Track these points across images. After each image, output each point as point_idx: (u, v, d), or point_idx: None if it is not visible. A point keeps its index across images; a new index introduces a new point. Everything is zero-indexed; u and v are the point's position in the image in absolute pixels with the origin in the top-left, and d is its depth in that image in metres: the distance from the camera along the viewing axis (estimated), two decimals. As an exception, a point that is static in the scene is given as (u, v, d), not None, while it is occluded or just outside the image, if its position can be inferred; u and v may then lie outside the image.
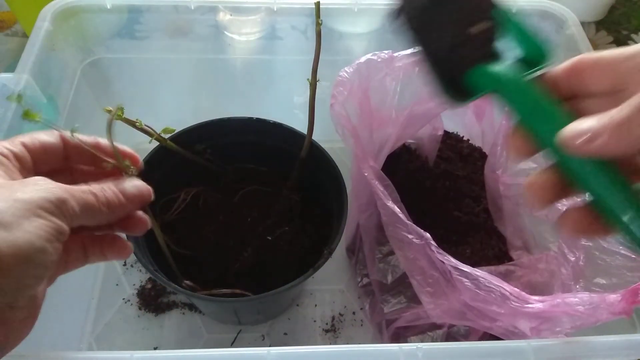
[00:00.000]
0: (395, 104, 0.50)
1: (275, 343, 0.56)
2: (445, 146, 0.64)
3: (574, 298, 0.37)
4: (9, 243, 0.24)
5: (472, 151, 0.65)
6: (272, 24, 0.61)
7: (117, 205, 0.31)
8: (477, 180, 0.62)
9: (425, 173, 0.60)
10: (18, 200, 0.25)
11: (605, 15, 0.86)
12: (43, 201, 0.26)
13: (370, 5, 0.59)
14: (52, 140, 0.32)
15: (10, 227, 0.24)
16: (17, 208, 0.25)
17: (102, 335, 0.56)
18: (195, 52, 0.63)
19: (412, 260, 0.43)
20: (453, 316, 0.43)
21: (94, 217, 0.30)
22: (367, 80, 0.49)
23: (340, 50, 0.63)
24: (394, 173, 0.53)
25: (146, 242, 0.50)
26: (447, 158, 0.63)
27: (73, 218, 0.28)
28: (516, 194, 0.56)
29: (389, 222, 0.44)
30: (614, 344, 0.38)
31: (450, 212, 0.58)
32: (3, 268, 0.24)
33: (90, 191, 0.29)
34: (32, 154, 0.30)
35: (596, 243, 0.44)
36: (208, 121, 0.55)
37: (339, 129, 0.48)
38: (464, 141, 0.66)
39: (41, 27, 0.53)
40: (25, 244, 0.25)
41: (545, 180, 0.28)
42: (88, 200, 0.29)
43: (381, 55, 0.49)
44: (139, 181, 0.34)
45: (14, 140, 0.30)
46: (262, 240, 0.53)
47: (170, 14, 0.59)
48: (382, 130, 0.52)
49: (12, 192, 0.26)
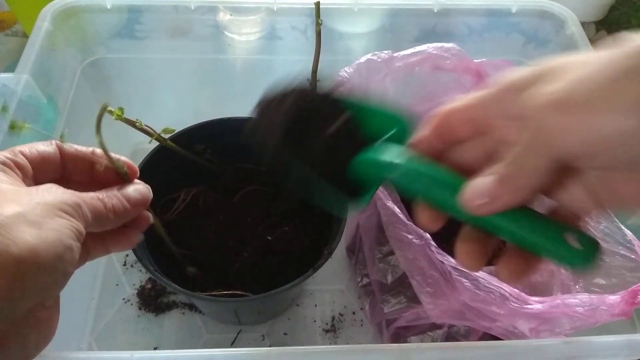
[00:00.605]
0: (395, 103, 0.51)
1: (275, 343, 0.56)
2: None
3: (574, 299, 0.37)
4: (43, 240, 0.24)
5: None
6: (272, 24, 0.61)
7: (122, 211, 0.31)
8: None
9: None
10: (40, 202, 0.26)
11: (605, 15, 0.86)
12: (62, 204, 0.27)
13: (370, 5, 0.59)
14: (49, 150, 0.32)
15: (40, 225, 0.25)
16: (41, 209, 0.26)
17: (102, 335, 0.56)
18: (195, 52, 0.63)
19: (412, 260, 0.43)
20: (453, 316, 0.43)
21: (102, 224, 0.30)
22: (367, 80, 0.49)
23: (340, 50, 0.63)
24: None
25: (146, 242, 0.50)
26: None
27: (87, 223, 0.28)
28: None
29: (389, 222, 0.44)
30: (613, 344, 0.38)
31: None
32: (40, 265, 0.24)
33: (98, 198, 0.30)
34: (32, 163, 0.31)
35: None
36: (208, 121, 0.55)
37: None
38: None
39: (41, 27, 0.53)
40: (56, 241, 0.25)
41: (470, 248, 0.29)
42: (97, 207, 0.29)
43: (381, 55, 0.49)
44: (141, 185, 0.34)
45: (13, 150, 0.30)
46: (262, 240, 0.53)
47: (170, 14, 0.59)
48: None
49: (31, 196, 0.26)
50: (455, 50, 0.49)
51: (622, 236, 0.43)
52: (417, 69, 0.49)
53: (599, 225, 0.44)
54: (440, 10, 0.59)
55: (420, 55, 0.49)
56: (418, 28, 0.61)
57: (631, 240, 0.43)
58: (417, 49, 0.50)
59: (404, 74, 0.50)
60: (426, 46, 0.49)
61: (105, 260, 0.62)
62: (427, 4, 0.59)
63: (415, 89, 0.50)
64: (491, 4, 0.59)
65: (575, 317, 0.37)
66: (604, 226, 0.44)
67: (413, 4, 0.59)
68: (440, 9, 0.59)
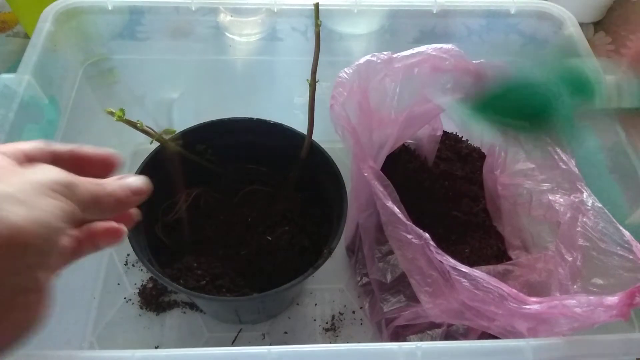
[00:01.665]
0: (395, 104, 0.51)
1: (276, 342, 0.56)
2: (444, 146, 0.65)
3: (572, 300, 0.37)
4: (30, 220, 0.24)
5: (471, 151, 0.65)
6: (273, 25, 0.61)
7: (122, 197, 0.31)
8: (475, 180, 0.62)
9: (424, 173, 0.61)
10: (30, 181, 0.25)
11: (604, 16, 0.87)
12: (54, 183, 0.26)
13: (370, 6, 0.59)
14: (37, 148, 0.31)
15: (28, 205, 0.24)
16: (31, 188, 0.25)
17: (104, 334, 0.57)
18: (196, 53, 0.64)
19: (411, 260, 0.43)
20: (451, 315, 0.43)
21: (100, 209, 0.29)
22: (367, 81, 0.50)
23: (340, 51, 0.63)
24: (394, 173, 0.53)
25: (147, 242, 0.51)
26: (446, 158, 0.63)
27: (83, 206, 0.28)
28: (514, 194, 0.56)
29: (389, 222, 0.44)
30: (612, 343, 0.38)
31: (449, 212, 0.58)
32: (26, 245, 0.24)
33: (97, 182, 0.29)
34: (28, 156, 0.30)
35: (594, 243, 0.44)
36: (209, 122, 0.55)
37: (339, 130, 0.48)
38: (462, 141, 0.66)
39: (43, 28, 0.53)
40: (44, 221, 0.24)
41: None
42: (97, 190, 0.29)
43: (380, 56, 0.49)
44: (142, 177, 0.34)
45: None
46: (262, 240, 0.54)
47: (171, 15, 0.59)
48: (381, 130, 0.52)
49: (22, 175, 0.26)
50: (455, 51, 0.49)
51: (620, 236, 0.43)
52: (417, 70, 0.50)
53: (597, 225, 0.45)
54: (440, 11, 0.59)
55: (419, 56, 0.50)
56: (417, 29, 0.61)
57: (629, 241, 0.43)
58: (416, 50, 0.50)
59: (403, 74, 0.50)
60: (425, 47, 0.50)
61: (107, 259, 0.62)
62: (427, 5, 0.59)
63: (415, 89, 0.51)
64: (490, 5, 0.60)
65: (573, 317, 0.37)
66: (601, 226, 0.44)
67: (412, 5, 0.59)
68: (440, 10, 0.59)
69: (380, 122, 0.51)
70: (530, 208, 0.54)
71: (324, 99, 0.50)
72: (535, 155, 0.52)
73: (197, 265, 0.52)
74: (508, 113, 0.41)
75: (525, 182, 0.54)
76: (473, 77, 0.47)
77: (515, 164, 0.55)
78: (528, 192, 0.54)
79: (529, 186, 0.54)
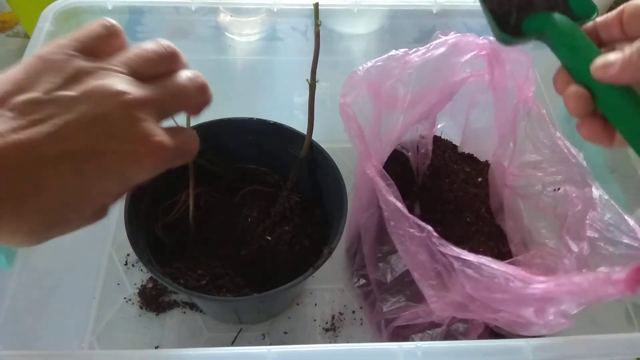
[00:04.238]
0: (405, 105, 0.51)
1: (276, 342, 0.56)
2: (444, 146, 0.65)
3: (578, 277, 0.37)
4: None
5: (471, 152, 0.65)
6: (273, 25, 0.62)
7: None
8: (477, 179, 0.62)
9: (425, 173, 0.61)
10: None
11: (604, 16, 0.87)
12: None
13: (370, 6, 0.59)
14: None
15: None
16: None
17: (104, 334, 0.57)
18: (196, 53, 0.64)
19: (414, 253, 0.43)
20: (456, 309, 0.42)
21: None
22: (377, 81, 0.49)
23: (339, 51, 0.63)
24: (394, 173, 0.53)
25: (147, 242, 0.51)
26: (448, 158, 0.63)
27: None
28: (525, 185, 0.55)
29: (391, 217, 0.44)
30: (612, 343, 0.38)
31: (449, 212, 0.58)
32: None
33: None
34: None
35: (600, 234, 0.44)
36: (208, 121, 0.55)
37: (347, 128, 0.48)
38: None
39: (42, 28, 0.53)
40: None
41: (579, 92, 0.33)
42: None
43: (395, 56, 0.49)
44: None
45: None
46: (262, 240, 0.54)
47: (171, 15, 0.59)
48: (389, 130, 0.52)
49: None
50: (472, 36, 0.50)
51: (627, 226, 0.43)
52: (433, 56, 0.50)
53: (603, 216, 0.45)
54: (440, 11, 0.59)
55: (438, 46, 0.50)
56: (417, 29, 0.61)
57: (634, 229, 0.43)
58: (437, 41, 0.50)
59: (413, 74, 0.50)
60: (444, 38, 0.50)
61: (107, 259, 0.62)
62: (427, 5, 0.59)
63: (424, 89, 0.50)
64: (490, 5, 0.60)
65: (580, 294, 0.36)
66: (608, 217, 0.44)
67: (412, 5, 0.59)
68: (440, 10, 0.59)
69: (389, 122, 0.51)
70: (538, 200, 0.53)
71: (324, 98, 0.50)
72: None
73: (197, 265, 0.52)
74: None
75: (536, 173, 0.54)
76: None
77: (523, 154, 0.55)
78: (540, 182, 0.53)
79: (541, 177, 0.53)
